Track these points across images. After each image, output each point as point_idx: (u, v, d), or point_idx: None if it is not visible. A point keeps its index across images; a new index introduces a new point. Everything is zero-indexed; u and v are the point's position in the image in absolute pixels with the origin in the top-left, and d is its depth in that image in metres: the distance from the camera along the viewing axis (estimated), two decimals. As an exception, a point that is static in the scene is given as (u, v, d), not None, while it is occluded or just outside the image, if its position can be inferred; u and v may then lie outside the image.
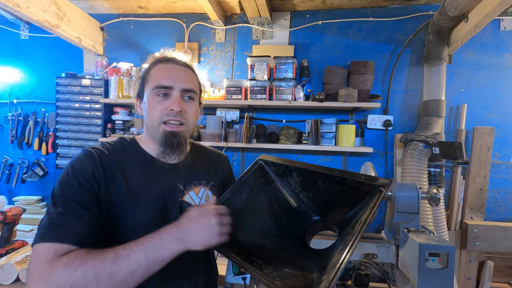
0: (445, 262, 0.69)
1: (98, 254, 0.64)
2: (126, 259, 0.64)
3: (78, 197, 0.72)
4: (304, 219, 0.88)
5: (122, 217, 0.80)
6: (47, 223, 0.68)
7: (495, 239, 1.92)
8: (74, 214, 0.70)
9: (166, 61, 0.90)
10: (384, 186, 0.65)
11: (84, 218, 0.70)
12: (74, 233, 0.67)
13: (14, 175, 2.56)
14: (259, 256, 0.73)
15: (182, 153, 0.91)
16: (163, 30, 2.45)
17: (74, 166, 0.77)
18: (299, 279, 0.62)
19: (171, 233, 0.69)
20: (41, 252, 0.64)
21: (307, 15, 2.29)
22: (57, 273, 0.60)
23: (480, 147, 2.02)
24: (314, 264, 0.66)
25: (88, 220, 0.71)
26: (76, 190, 0.73)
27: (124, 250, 0.66)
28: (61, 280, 0.60)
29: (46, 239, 0.65)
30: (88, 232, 0.70)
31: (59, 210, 0.69)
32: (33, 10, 1.76)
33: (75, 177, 0.74)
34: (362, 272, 0.98)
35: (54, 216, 0.69)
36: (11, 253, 1.61)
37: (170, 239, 0.68)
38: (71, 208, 0.70)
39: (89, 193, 0.74)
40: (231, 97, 2.15)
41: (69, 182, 0.74)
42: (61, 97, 2.39)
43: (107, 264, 0.62)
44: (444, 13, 1.76)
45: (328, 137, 2.08)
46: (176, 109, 0.84)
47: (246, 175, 0.91)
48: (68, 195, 0.72)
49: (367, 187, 0.68)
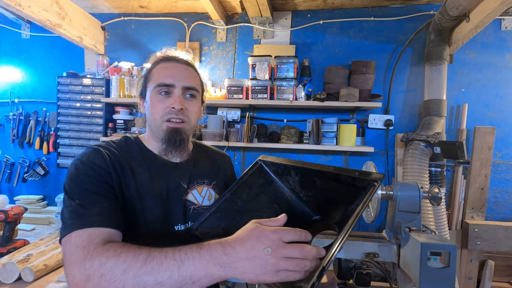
0: (447, 261, 0.70)
1: (133, 249, 0.58)
2: (158, 266, 0.55)
3: (93, 187, 0.72)
4: (304, 218, 0.88)
5: (131, 215, 0.79)
6: (70, 215, 0.66)
7: (496, 239, 1.92)
8: (94, 202, 0.69)
9: (168, 60, 0.90)
10: (377, 181, 0.65)
11: (104, 204, 0.70)
12: (100, 218, 0.66)
13: (15, 174, 2.57)
14: None
15: (184, 150, 0.91)
16: (164, 30, 2.45)
17: (83, 161, 0.75)
18: None
19: (213, 252, 0.56)
20: (75, 240, 0.62)
21: (308, 15, 2.29)
22: (91, 260, 0.57)
23: (481, 146, 2.02)
24: None
25: (109, 207, 0.70)
26: (88, 181, 0.72)
27: (159, 253, 0.57)
28: (94, 267, 0.57)
29: (75, 227, 0.64)
30: (114, 213, 0.70)
31: (77, 202, 0.68)
32: (34, 10, 1.76)
33: (85, 172, 0.73)
34: (364, 271, 0.99)
35: (75, 207, 0.67)
36: (12, 252, 1.61)
37: (210, 258, 0.55)
38: (89, 197, 0.69)
39: (102, 183, 0.74)
40: (232, 96, 2.15)
41: (79, 177, 0.73)
42: (62, 97, 2.39)
43: (138, 263, 0.56)
44: (446, 13, 1.76)
45: (329, 136, 2.08)
46: (177, 107, 0.84)
47: (245, 175, 0.91)
48: (82, 187, 0.71)
49: (361, 182, 0.68)
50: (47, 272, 1.48)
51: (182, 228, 0.87)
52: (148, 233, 0.81)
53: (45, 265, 1.46)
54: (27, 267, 1.40)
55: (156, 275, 0.55)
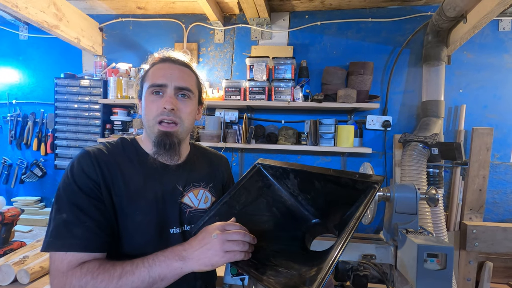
0: (444, 263, 0.69)
1: (108, 268, 0.67)
2: (131, 276, 0.67)
3: (80, 201, 0.73)
4: (303, 222, 0.88)
5: (123, 218, 0.79)
6: (53, 230, 0.71)
7: (495, 240, 1.92)
8: (78, 221, 0.71)
9: (163, 61, 0.90)
10: (377, 183, 0.65)
11: (87, 224, 0.72)
12: (81, 242, 0.70)
13: (13, 175, 2.56)
14: (256, 257, 0.72)
15: (175, 154, 0.89)
16: (162, 31, 2.45)
17: (73, 170, 0.77)
18: (294, 278, 0.63)
19: (175, 250, 0.70)
20: (56, 263, 0.69)
21: (306, 16, 2.29)
22: (70, 286, 0.65)
23: (479, 147, 2.02)
24: (311, 264, 0.66)
25: (92, 226, 0.72)
26: (77, 194, 0.74)
27: (131, 266, 0.68)
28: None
29: (58, 248, 0.69)
30: (95, 237, 0.72)
31: (63, 217, 0.71)
32: (32, 11, 1.76)
33: (75, 182, 0.75)
34: (361, 273, 0.98)
35: (59, 223, 0.71)
36: (9, 254, 1.60)
37: (173, 257, 0.69)
38: (74, 214, 0.72)
39: (90, 198, 0.75)
40: (230, 97, 2.15)
41: (70, 186, 0.75)
42: (60, 98, 2.38)
43: (114, 279, 0.66)
44: (443, 14, 1.76)
45: (327, 137, 2.08)
46: (168, 107, 0.83)
47: (244, 179, 0.91)
48: (70, 200, 0.73)
49: (361, 184, 0.68)
50: (43, 274, 1.47)
51: (177, 231, 0.87)
52: (143, 236, 0.81)
53: (41, 267, 1.45)
54: (23, 269, 1.39)
55: (131, 284, 0.66)
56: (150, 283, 0.67)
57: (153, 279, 0.67)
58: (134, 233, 0.80)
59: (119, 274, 0.66)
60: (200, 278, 0.91)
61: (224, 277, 0.96)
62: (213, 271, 1.03)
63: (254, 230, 0.78)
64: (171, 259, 0.68)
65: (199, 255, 0.68)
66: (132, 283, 0.66)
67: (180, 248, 0.70)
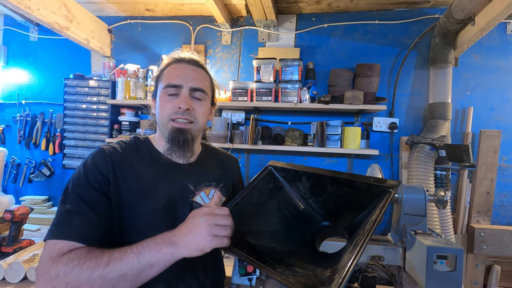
0: (453, 264, 0.69)
1: (95, 256, 0.65)
2: (119, 262, 0.63)
3: (86, 194, 0.74)
4: (313, 224, 0.88)
5: (132, 216, 0.80)
6: (55, 219, 0.71)
7: (503, 243, 1.90)
8: (80, 212, 0.72)
9: (178, 61, 0.91)
10: (393, 187, 0.65)
11: (88, 215, 0.72)
12: (77, 231, 0.69)
13: (21, 175, 2.59)
14: (272, 257, 0.73)
15: (188, 151, 0.91)
16: (170, 33, 2.47)
17: (86, 165, 0.78)
18: (311, 277, 0.63)
19: (164, 237, 0.68)
20: (48, 248, 0.67)
21: (313, 18, 2.30)
22: (56, 270, 0.62)
23: (487, 150, 2.01)
24: (325, 266, 0.67)
25: (93, 218, 0.72)
26: (85, 187, 0.75)
27: (119, 253, 0.65)
28: (58, 277, 0.62)
29: (53, 236, 0.68)
30: (93, 229, 0.72)
31: (67, 207, 0.72)
32: (43, 12, 1.79)
33: (85, 175, 0.76)
34: (369, 275, 0.98)
35: (63, 212, 0.72)
36: (18, 251, 1.62)
37: (162, 242, 0.66)
38: (77, 205, 0.72)
39: (97, 192, 0.76)
40: (237, 98, 2.16)
41: (79, 179, 0.76)
42: (68, 98, 2.41)
43: (100, 266, 0.63)
44: (451, 16, 1.76)
45: (334, 139, 2.08)
46: (183, 107, 0.85)
47: (255, 180, 0.91)
48: (76, 191, 0.74)
49: (376, 189, 0.69)
50: (53, 272, 1.49)
51: None
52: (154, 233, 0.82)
53: (50, 265, 1.47)
54: (33, 267, 1.41)
55: (118, 270, 0.63)
56: (139, 270, 0.63)
57: (142, 266, 0.64)
58: (145, 230, 0.81)
59: (107, 261, 0.63)
60: (209, 277, 0.92)
61: (232, 277, 0.96)
62: (222, 270, 1.04)
63: (265, 230, 0.79)
64: (161, 245, 0.66)
65: (188, 240, 0.65)
66: (120, 270, 0.62)
67: (170, 234, 0.68)
